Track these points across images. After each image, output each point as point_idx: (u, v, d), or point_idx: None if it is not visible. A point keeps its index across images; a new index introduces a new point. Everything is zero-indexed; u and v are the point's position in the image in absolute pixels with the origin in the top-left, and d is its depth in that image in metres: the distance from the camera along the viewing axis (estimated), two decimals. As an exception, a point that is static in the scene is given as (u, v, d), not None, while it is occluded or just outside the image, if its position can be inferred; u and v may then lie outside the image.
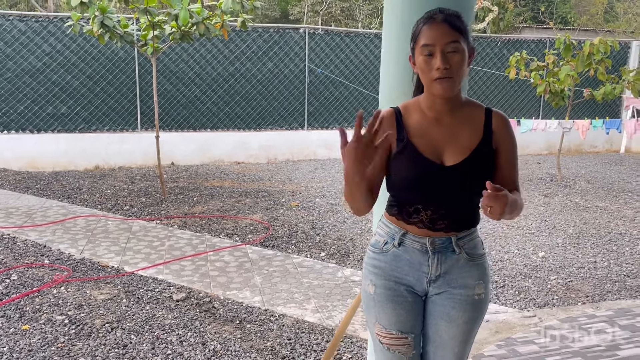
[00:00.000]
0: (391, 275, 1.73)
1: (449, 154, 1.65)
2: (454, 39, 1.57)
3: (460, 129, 1.66)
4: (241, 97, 9.03)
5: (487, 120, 1.68)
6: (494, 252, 4.87)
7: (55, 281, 4.00)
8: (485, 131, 1.67)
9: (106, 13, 5.84)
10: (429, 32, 1.58)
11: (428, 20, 1.60)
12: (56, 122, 8.18)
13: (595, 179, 8.10)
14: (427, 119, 1.68)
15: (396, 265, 1.73)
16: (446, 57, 1.57)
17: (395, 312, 1.72)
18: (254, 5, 6.10)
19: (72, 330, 3.29)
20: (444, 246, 1.69)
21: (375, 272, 1.76)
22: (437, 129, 1.67)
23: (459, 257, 1.70)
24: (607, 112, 10.77)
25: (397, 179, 1.69)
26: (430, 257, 1.69)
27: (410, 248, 1.70)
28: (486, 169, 1.67)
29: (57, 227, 5.34)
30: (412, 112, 1.71)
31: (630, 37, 16.96)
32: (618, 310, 3.70)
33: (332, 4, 20.58)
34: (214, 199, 6.53)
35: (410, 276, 1.72)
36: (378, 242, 1.77)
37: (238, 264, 4.49)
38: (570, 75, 7.10)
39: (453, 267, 1.70)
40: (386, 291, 1.73)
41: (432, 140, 1.66)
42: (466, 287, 1.71)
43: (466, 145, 1.65)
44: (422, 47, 1.58)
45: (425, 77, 1.61)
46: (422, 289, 1.73)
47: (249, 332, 3.35)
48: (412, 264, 1.71)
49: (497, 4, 14.30)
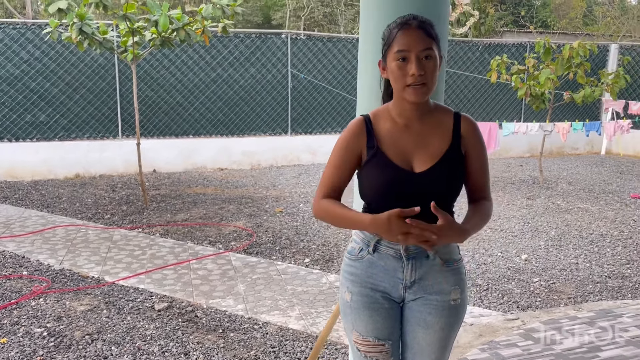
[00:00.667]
0: (367, 282, 1.72)
1: (419, 160, 1.65)
2: (429, 45, 1.58)
3: (429, 135, 1.67)
4: (224, 103, 8.99)
5: (455, 125, 1.69)
6: (477, 256, 4.89)
7: (34, 293, 3.92)
8: (454, 136, 1.68)
9: (85, 20, 5.77)
10: (404, 38, 1.58)
11: (403, 26, 1.60)
12: (35, 131, 8.06)
13: (577, 181, 8.19)
14: (396, 126, 1.68)
15: (371, 272, 1.72)
16: (421, 63, 1.57)
17: (372, 319, 1.71)
18: (235, 11, 6.08)
19: (51, 343, 3.23)
20: (418, 252, 1.68)
21: (351, 279, 1.75)
22: (407, 136, 1.67)
23: (433, 262, 1.70)
24: (587, 114, 10.91)
25: (368, 187, 1.69)
26: (405, 263, 1.69)
27: (385, 254, 1.70)
28: (456, 174, 1.67)
29: (36, 238, 5.25)
30: (382, 119, 1.70)
31: (609, 40, 17.24)
32: (599, 311, 3.73)
33: (315, 9, 20.63)
34: (196, 206, 6.47)
35: (386, 282, 1.71)
36: (354, 249, 1.76)
37: (221, 272, 4.45)
38: (550, 78, 7.19)
39: (428, 272, 1.70)
40: (362, 298, 1.72)
41: (401, 148, 1.66)
42: (442, 292, 1.71)
43: (435, 151, 1.65)
44: (397, 53, 1.58)
45: (398, 83, 1.61)
46: (399, 295, 1.72)
47: (232, 341, 3.31)
48: (387, 270, 1.70)
49: (478, 8, 14.44)
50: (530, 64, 7.57)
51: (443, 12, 1.80)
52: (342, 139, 1.72)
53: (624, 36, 18.53)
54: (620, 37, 18.10)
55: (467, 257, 4.86)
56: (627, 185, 7.88)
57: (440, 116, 1.70)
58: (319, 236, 5.42)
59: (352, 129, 1.70)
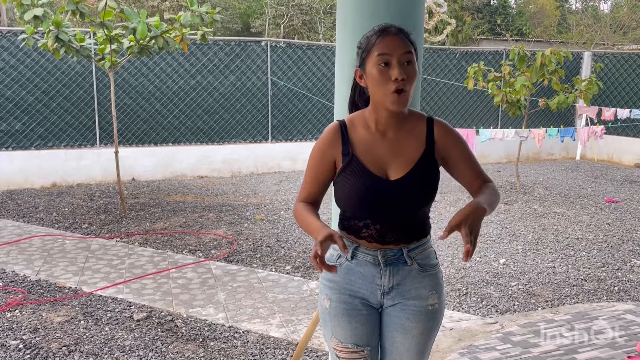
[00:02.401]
0: (345, 289, 1.73)
1: (394, 168, 1.66)
2: (409, 50, 1.58)
3: (404, 143, 1.67)
4: (203, 111, 8.95)
5: (428, 130, 1.69)
6: (456, 260, 4.94)
7: (9, 304, 3.85)
8: (427, 142, 1.68)
9: (61, 27, 5.71)
10: (385, 43, 1.57)
11: (382, 33, 1.60)
12: (10, 139, 7.92)
13: (553, 186, 8.33)
14: (372, 133, 1.69)
15: (350, 279, 1.73)
16: (403, 67, 1.56)
17: (351, 326, 1.72)
18: (214, 19, 6.07)
19: (27, 356, 3.17)
20: (396, 258, 1.70)
21: (330, 286, 1.76)
22: (382, 143, 1.67)
23: (410, 268, 1.71)
24: (562, 120, 11.12)
25: (343, 195, 1.70)
26: (383, 269, 1.70)
27: (363, 261, 1.71)
28: (430, 180, 1.67)
29: (12, 248, 5.15)
30: (358, 126, 1.70)
31: (583, 47, 17.62)
32: (576, 314, 3.80)
33: (294, 16, 20.71)
34: (176, 214, 6.43)
35: (364, 289, 1.72)
36: (332, 256, 1.77)
37: (201, 281, 4.42)
38: (526, 85, 7.32)
39: (406, 278, 1.71)
40: (341, 305, 1.73)
41: (376, 155, 1.66)
42: (420, 297, 1.72)
43: (410, 158, 1.66)
44: (378, 57, 1.57)
45: (380, 89, 1.58)
46: (377, 301, 1.74)
47: (213, 350, 3.29)
48: (365, 276, 1.72)
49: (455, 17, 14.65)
50: (506, 71, 7.70)
51: (418, 22, 1.83)
52: (316, 149, 1.72)
53: (597, 44, 18.96)
54: (593, 45, 18.51)
55: (446, 261, 4.91)
56: (601, 190, 8.04)
57: (414, 123, 1.70)
58: (299, 243, 5.42)
59: (326, 137, 1.70)
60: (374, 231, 1.67)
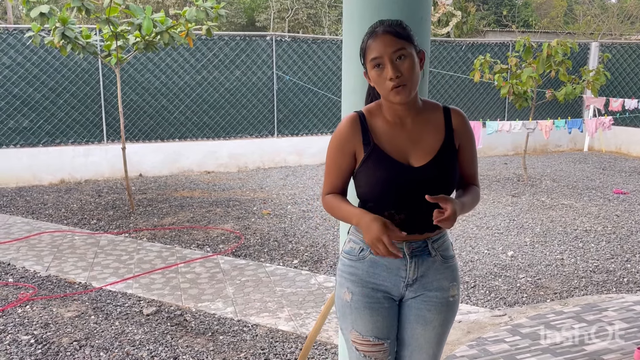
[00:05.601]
0: (368, 282, 1.74)
1: (416, 156, 1.67)
2: (399, 46, 1.60)
3: (423, 132, 1.69)
4: (209, 106, 8.96)
5: (446, 119, 1.72)
6: (464, 253, 4.93)
7: (20, 300, 3.89)
8: (446, 130, 1.70)
9: (67, 24, 5.73)
10: (375, 45, 1.61)
11: (372, 35, 1.63)
12: (18, 137, 7.97)
13: (561, 178, 8.29)
14: (390, 123, 1.71)
15: (373, 272, 1.73)
16: (396, 65, 1.59)
17: (373, 319, 1.73)
18: (219, 14, 6.07)
19: (38, 350, 3.20)
20: (421, 249, 1.71)
21: (351, 280, 1.75)
22: (402, 132, 1.69)
23: (434, 259, 1.73)
24: (570, 112, 11.05)
25: (367, 185, 1.69)
26: (408, 261, 1.71)
27: None
28: (453, 167, 1.70)
29: (22, 244, 5.19)
30: (376, 116, 1.72)
31: (590, 38, 17.47)
32: (585, 305, 3.79)
33: (299, 10, 20.65)
34: (183, 209, 6.45)
35: (388, 282, 1.73)
36: (353, 250, 1.76)
37: (210, 275, 4.44)
38: (532, 76, 7.27)
39: (429, 269, 1.73)
40: (363, 298, 1.73)
41: (398, 144, 1.68)
42: (441, 289, 1.74)
43: (431, 147, 1.68)
44: (372, 61, 1.62)
45: (380, 89, 1.64)
46: (399, 294, 1.75)
47: (222, 343, 3.31)
48: (390, 269, 1.72)
49: (460, 8, 14.56)
50: (513, 62, 7.65)
51: (425, 13, 1.82)
52: (335, 140, 1.72)
53: (604, 34, 18.80)
54: (600, 35, 18.35)
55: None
56: (609, 181, 7.99)
57: (431, 112, 1.73)
58: (307, 237, 5.43)
59: (345, 128, 1.70)
60: (398, 221, 1.66)
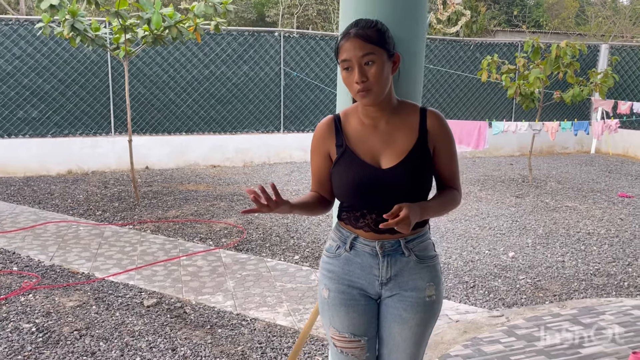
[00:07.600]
0: (344, 279, 1.77)
1: (386, 157, 1.69)
2: (368, 51, 1.59)
3: (396, 133, 1.70)
4: (216, 101, 9.01)
5: (422, 120, 1.72)
6: (465, 253, 4.95)
7: (24, 288, 3.95)
8: (420, 132, 1.70)
9: (77, 16, 5.78)
10: (345, 47, 1.62)
11: (344, 36, 1.64)
12: (27, 127, 8.05)
13: (566, 180, 8.27)
14: (364, 125, 1.73)
15: (348, 269, 1.76)
16: (363, 70, 1.60)
17: (349, 316, 1.76)
18: (227, 9, 6.09)
19: (39, 339, 3.26)
20: (393, 249, 1.73)
21: (329, 276, 1.79)
22: (374, 134, 1.71)
23: (408, 259, 1.74)
24: (577, 114, 11.00)
25: (339, 186, 1.74)
26: (380, 260, 1.73)
27: (361, 252, 1.74)
28: (422, 170, 1.69)
29: (27, 234, 5.26)
30: (351, 118, 1.76)
31: (600, 40, 17.34)
32: (582, 308, 3.79)
33: (309, 6, 20.64)
34: (188, 203, 6.50)
35: (363, 279, 1.75)
36: (331, 247, 1.81)
37: (211, 269, 4.48)
38: (540, 78, 7.25)
39: (403, 269, 1.74)
40: (339, 295, 1.76)
41: (369, 146, 1.71)
42: (417, 289, 1.75)
43: (402, 148, 1.69)
44: (342, 62, 1.63)
45: (350, 90, 1.67)
46: (375, 292, 1.77)
47: (220, 336, 3.35)
48: (364, 267, 1.75)
49: (470, 7, 14.50)
50: (520, 63, 7.63)
51: (420, 14, 1.83)
52: (313, 142, 1.79)
53: (615, 36, 18.64)
54: (611, 38, 18.21)
55: (454, 254, 4.92)
56: (615, 184, 7.96)
57: (406, 113, 1.73)
58: (309, 233, 5.46)
59: (320, 130, 1.78)
60: (370, 220, 1.70)
